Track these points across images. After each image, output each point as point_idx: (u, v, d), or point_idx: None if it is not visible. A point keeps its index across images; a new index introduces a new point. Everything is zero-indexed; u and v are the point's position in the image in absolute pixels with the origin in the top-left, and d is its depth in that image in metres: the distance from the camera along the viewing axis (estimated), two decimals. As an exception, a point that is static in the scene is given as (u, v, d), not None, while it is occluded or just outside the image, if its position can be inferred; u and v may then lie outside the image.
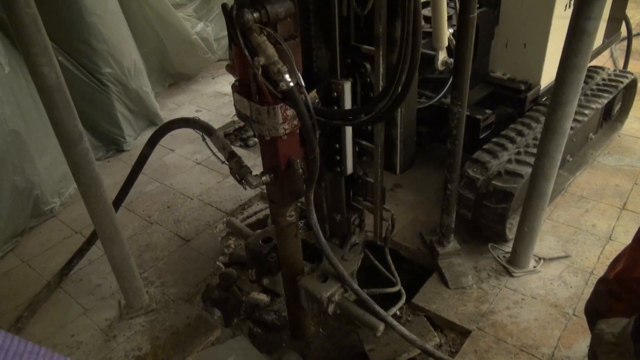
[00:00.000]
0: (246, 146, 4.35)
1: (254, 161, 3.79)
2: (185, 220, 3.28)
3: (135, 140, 4.21)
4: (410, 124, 2.11)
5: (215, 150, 2.07)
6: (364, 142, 2.07)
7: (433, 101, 2.73)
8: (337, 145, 2.07)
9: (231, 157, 1.87)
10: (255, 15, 1.42)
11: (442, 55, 2.23)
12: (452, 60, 2.21)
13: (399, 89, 1.50)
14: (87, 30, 3.62)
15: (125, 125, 4.09)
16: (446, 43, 2.21)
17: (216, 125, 4.43)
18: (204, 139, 2.20)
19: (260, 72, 1.45)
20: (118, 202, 2.61)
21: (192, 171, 3.78)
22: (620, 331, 1.35)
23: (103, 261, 2.81)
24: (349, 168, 2.13)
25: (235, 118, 4.34)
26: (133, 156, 3.96)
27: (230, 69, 1.73)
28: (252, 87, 1.62)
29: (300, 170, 1.81)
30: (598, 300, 1.65)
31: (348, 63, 1.91)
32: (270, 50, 1.43)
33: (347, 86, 1.88)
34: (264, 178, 1.80)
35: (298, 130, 1.75)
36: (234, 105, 1.79)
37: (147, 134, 4.30)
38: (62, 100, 1.95)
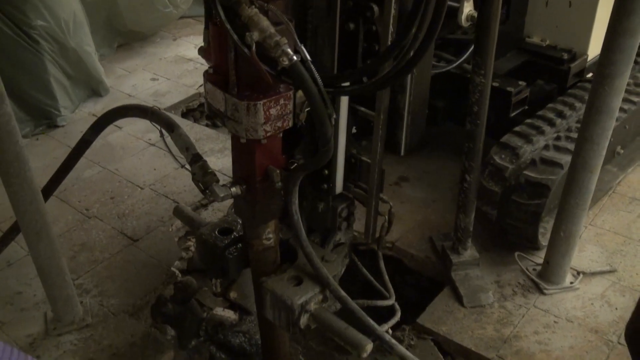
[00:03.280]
0: (214, 125, 4.35)
1: (223, 144, 3.81)
2: (133, 214, 3.28)
3: (73, 113, 4.21)
4: (422, 93, 2.10)
5: (175, 150, 2.09)
6: (362, 109, 2.05)
7: (452, 66, 2.73)
8: None
9: (195, 160, 1.90)
10: None
11: (468, 8, 2.20)
12: (481, 14, 2.20)
13: (419, 38, 1.46)
14: (14, -30, 3.62)
15: (60, 94, 4.08)
16: (474, -8, 2.21)
17: (177, 97, 4.44)
18: (162, 136, 2.24)
19: (254, 50, 1.47)
20: (48, 191, 2.61)
21: (144, 154, 3.79)
22: None
23: (26, 263, 2.81)
24: (339, 186, 2.14)
25: (202, 89, 4.35)
26: (68, 133, 3.99)
27: (204, 52, 1.76)
28: (230, 76, 1.63)
29: (280, 184, 1.84)
30: None
31: (350, 6, 1.90)
32: (265, 22, 1.46)
33: (344, 103, 1.90)
34: (233, 189, 1.82)
35: (281, 134, 1.77)
36: (205, 97, 1.81)
37: (87, 106, 4.31)
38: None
